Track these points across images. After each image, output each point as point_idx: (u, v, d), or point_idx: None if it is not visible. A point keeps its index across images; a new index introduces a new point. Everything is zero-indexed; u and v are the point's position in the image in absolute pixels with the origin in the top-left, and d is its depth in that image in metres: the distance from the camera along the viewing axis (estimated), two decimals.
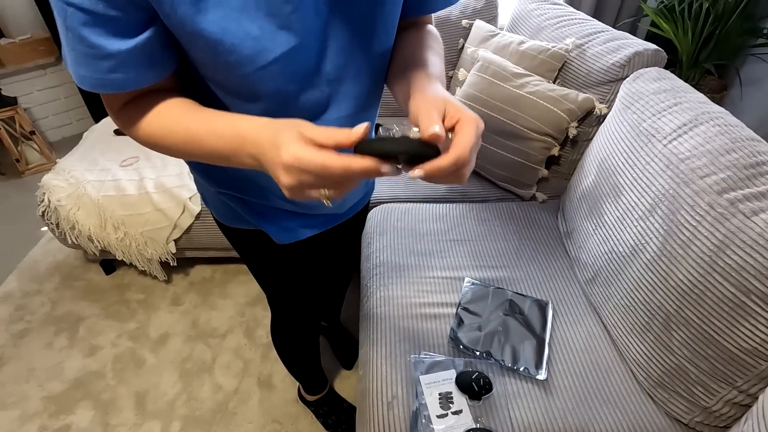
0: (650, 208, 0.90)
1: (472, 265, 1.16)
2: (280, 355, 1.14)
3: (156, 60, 0.48)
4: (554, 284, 1.11)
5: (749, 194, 0.73)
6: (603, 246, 1.02)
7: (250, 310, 1.61)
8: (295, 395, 1.34)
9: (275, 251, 0.80)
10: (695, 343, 0.78)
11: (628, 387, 0.89)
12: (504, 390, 0.88)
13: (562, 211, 1.30)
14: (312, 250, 0.86)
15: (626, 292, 0.92)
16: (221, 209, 0.75)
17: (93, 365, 1.44)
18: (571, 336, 0.98)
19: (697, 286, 0.76)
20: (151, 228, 1.46)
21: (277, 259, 0.83)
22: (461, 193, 1.43)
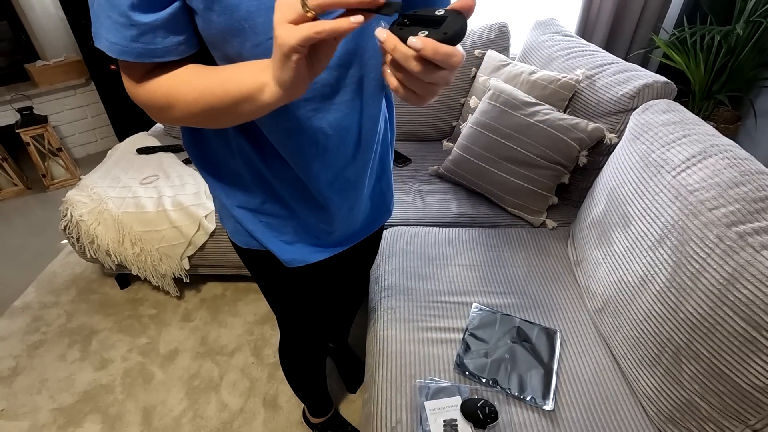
0: (659, 238, 0.90)
1: (481, 291, 1.16)
2: (287, 375, 1.15)
3: (181, 33, 0.51)
4: (563, 312, 1.10)
5: (758, 228, 0.73)
6: (612, 275, 1.02)
7: (259, 329, 1.62)
8: (299, 417, 1.33)
9: (286, 273, 0.82)
10: (706, 378, 0.76)
11: (637, 421, 0.87)
12: (510, 419, 0.87)
13: (572, 238, 1.30)
14: (323, 273, 0.87)
15: (636, 323, 0.91)
16: (235, 229, 0.78)
17: (103, 379, 1.46)
18: (579, 366, 0.97)
19: (707, 320, 0.76)
20: (167, 244, 1.50)
21: (287, 281, 0.85)
22: (471, 218, 1.44)
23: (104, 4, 0.47)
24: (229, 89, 0.49)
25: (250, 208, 0.72)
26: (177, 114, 0.54)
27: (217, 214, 0.80)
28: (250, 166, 0.67)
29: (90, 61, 2.43)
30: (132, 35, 0.48)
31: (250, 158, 0.66)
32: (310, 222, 0.74)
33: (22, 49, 2.54)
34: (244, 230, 0.76)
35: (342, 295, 1.14)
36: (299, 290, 0.87)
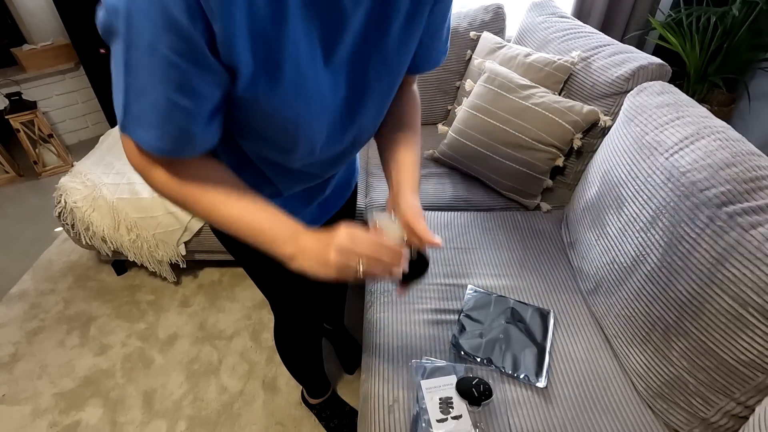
0: (651, 220, 0.91)
1: (476, 273, 1.18)
2: (283, 358, 1.16)
3: (217, 125, 0.51)
4: (556, 294, 1.12)
5: (748, 208, 0.74)
6: (605, 256, 1.03)
7: (257, 314, 1.63)
8: (298, 398, 1.36)
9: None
10: (694, 355, 0.79)
11: (627, 397, 0.90)
12: (504, 397, 0.89)
13: (566, 221, 1.31)
14: None
15: (627, 303, 0.93)
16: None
17: (103, 364, 1.48)
18: (571, 345, 0.99)
19: (696, 298, 0.77)
20: (163, 230, 1.50)
21: (272, 261, 0.84)
22: (466, 202, 1.45)
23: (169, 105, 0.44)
24: (258, 237, 0.55)
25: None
26: (196, 214, 0.56)
27: None
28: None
29: (79, 44, 2.38)
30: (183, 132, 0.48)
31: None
32: (289, 197, 0.75)
33: (9, 33, 2.49)
34: None
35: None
36: (285, 269, 0.86)
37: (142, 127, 0.47)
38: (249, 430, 1.29)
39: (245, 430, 1.29)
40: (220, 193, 0.54)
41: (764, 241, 0.70)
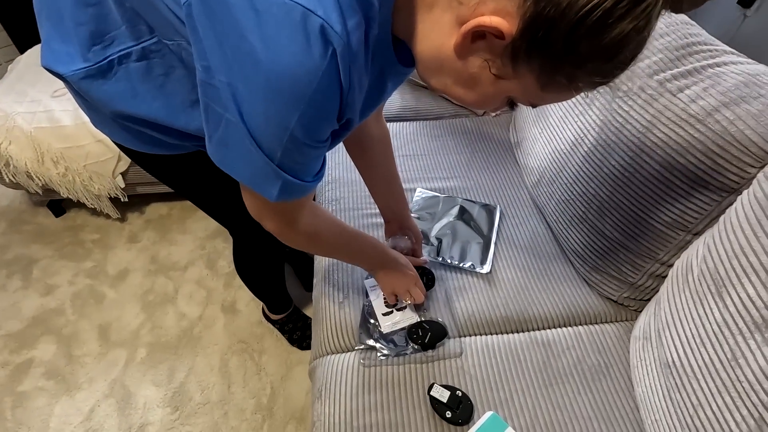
0: (590, 101, 0.91)
1: (424, 177, 1.17)
2: (245, 279, 1.15)
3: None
4: (503, 191, 1.14)
5: (677, 73, 0.75)
6: (547, 147, 1.04)
7: (211, 243, 1.60)
8: (259, 317, 1.37)
9: (207, 169, 0.76)
10: (625, 225, 0.82)
11: (566, 275, 0.95)
12: (450, 285, 0.92)
13: (513, 122, 1.31)
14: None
15: (566, 187, 0.95)
16: (138, 136, 0.67)
17: (51, 303, 1.42)
18: (516, 235, 1.02)
19: (627, 170, 0.79)
20: (94, 161, 1.39)
21: (220, 190, 0.79)
22: (415, 112, 1.41)
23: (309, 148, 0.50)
24: (355, 259, 0.84)
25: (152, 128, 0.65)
26: (315, 249, 0.82)
27: (99, 127, 0.69)
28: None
29: None
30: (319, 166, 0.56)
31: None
32: None
33: None
34: (149, 137, 0.66)
35: None
36: (233, 195, 0.82)
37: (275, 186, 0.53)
38: (211, 349, 1.30)
39: (207, 350, 1.30)
40: (339, 244, 0.75)
41: (689, 102, 0.71)
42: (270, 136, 0.46)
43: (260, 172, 0.50)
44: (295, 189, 0.53)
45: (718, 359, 0.59)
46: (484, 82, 0.43)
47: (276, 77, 0.41)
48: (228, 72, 0.43)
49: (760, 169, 0.63)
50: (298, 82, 0.41)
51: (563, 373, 0.78)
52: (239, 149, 0.48)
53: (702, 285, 0.64)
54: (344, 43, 0.41)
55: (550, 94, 0.43)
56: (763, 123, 0.63)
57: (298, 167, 0.51)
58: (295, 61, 0.40)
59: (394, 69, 0.55)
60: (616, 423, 0.72)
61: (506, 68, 0.40)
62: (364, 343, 0.82)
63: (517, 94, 0.45)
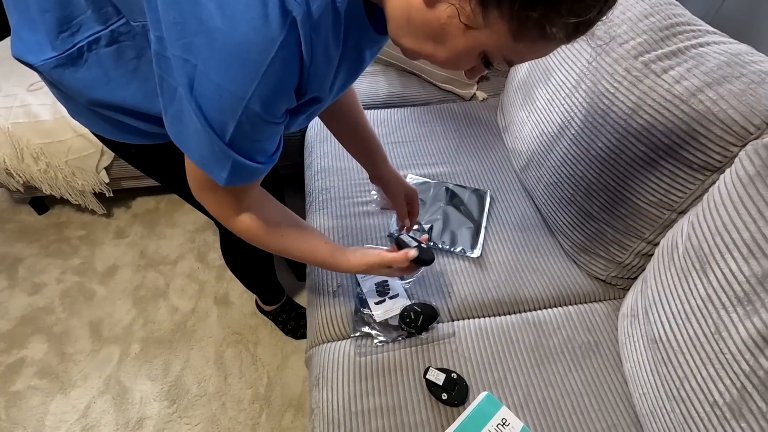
0: (576, 84, 0.91)
1: (414, 164, 1.17)
2: (235, 272, 1.15)
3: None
4: (492, 175, 1.15)
5: (662, 54, 0.75)
6: (535, 131, 1.05)
7: (200, 236, 1.58)
8: (252, 309, 1.37)
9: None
10: (612, 206, 0.84)
11: (555, 256, 0.96)
12: (441, 270, 0.93)
13: (501, 106, 1.31)
14: None
15: (555, 170, 0.96)
16: (116, 125, 0.65)
17: (39, 302, 1.40)
18: (505, 219, 1.04)
19: (614, 151, 0.80)
20: (77, 156, 1.36)
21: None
22: (402, 98, 1.41)
23: (264, 126, 0.49)
24: (322, 264, 0.76)
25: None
26: (273, 251, 0.71)
27: (77, 117, 0.67)
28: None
29: None
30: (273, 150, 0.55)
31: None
32: None
33: None
34: (128, 126, 0.65)
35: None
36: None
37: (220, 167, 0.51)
38: (206, 342, 1.30)
39: (202, 342, 1.30)
40: (294, 233, 0.69)
41: (674, 83, 0.72)
42: (223, 109, 0.44)
43: (209, 151, 0.48)
44: (246, 171, 0.51)
45: (702, 333, 0.61)
46: (454, 33, 0.42)
47: (232, 45, 0.40)
48: (181, 42, 0.41)
49: (742, 147, 0.64)
50: (254, 49, 0.41)
51: (554, 352, 0.80)
52: (190, 126, 0.47)
53: (687, 262, 0.66)
54: (304, 12, 0.40)
55: (524, 45, 0.41)
56: (745, 102, 0.64)
57: (251, 145, 0.50)
58: (251, 28, 0.40)
59: (370, 38, 0.54)
60: (606, 398, 0.74)
61: (476, 16, 0.39)
62: (360, 330, 0.83)
63: (490, 47, 0.43)
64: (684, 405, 0.61)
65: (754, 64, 0.69)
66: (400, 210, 0.91)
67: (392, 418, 0.72)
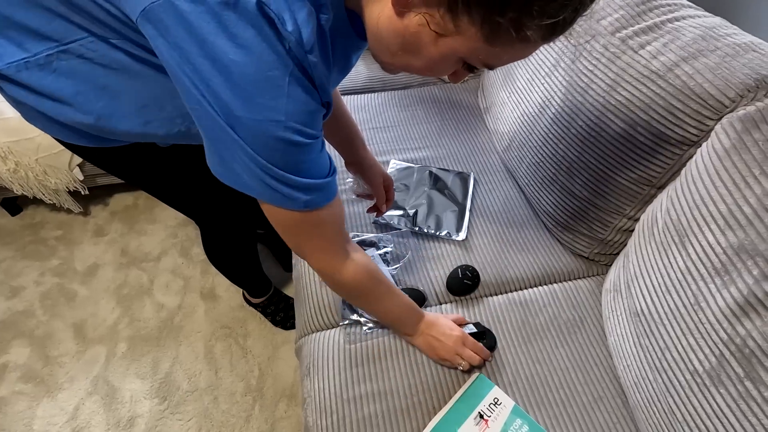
0: (555, 63, 0.91)
1: (397, 149, 1.16)
2: (219, 267, 1.13)
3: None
4: (475, 157, 1.15)
5: (638, 30, 0.75)
6: (516, 111, 1.04)
7: (183, 231, 1.55)
8: (240, 302, 1.36)
9: (157, 158, 0.72)
10: (593, 184, 0.84)
11: (539, 236, 0.97)
12: (428, 254, 0.93)
13: (482, 87, 1.30)
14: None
15: (536, 150, 0.96)
16: (75, 130, 0.62)
17: (18, 305, 1.37)
18: (490, 200, 1.04)
19: (594, 129, 0.81)
20: (47, 154, 1.31)
21: (162, 164, 0.75)
22: (382, 82, 1.39)
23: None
24: (392, 325, 0.78)
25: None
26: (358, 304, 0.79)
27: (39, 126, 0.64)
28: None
29: None
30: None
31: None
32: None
33: None
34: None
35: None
36: (182, 170, 0.78)
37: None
38: (194, 337, 1.29)
39: (190, 338, 1.29)
40: (384, 288, 0.70)
41: (651, 59, 0.72)
42: (266, 143, 0.45)
43: (273, 183, 0.48)
44: (318, 189, 0.51)
45: (682, 304, 0.62)
46: (426, 42, 0.42)
47: (252, 72, 0.41)
48: (202, 85, 0.42)
49: (718, 121, 0.65)
50: (273, 66, 0.41)
51: (541, 330, 0.81)
52: (246, 172, 0.47)
53: (666, 236, 0.67)
54: (296, 40, 0.41)
55: (501, 49, 0.40)
56: (720, 75, 0.65)
57: (303, 164, 0.49)
58: (265, 51, 0.40)
59: (355, 44, 0.54)
60: (592, 371, 0.76)
61: (446, 23, 0.39)
62: (348, 318, 0.83)
63: (465, 53, 0.42)
64: (666, 374, 0.63)
65: (728, 37, 0.69)
66: (379, 195, 0.90)
67: (384, 403, 0.73)
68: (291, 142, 0.45)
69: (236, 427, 1.13)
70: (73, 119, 0.57)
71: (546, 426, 0.70)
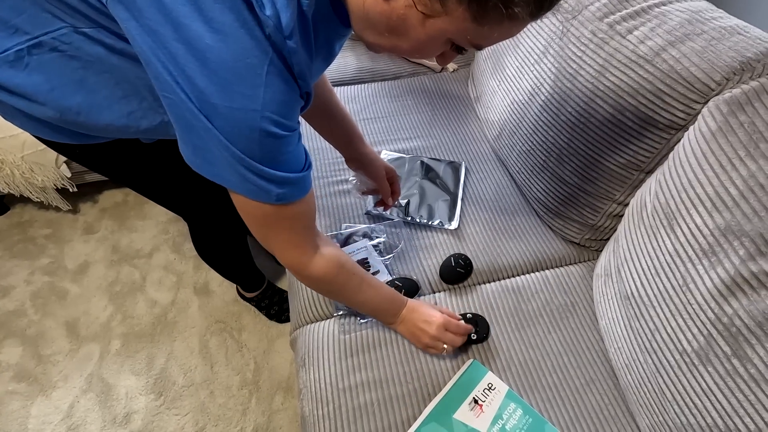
0: (544, 50, 0.91)
1: (388, 140, 1.16)
2: (211, 263, 1.12)
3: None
4: (466, 146, 1.15)
5: (626, 15, 0.76)
6: (506, 99, 1.04)
7: (174, 226, 1.54)
8: (234, 296, 1.36)
9: (140, 154, 0.71)
10: (583, 170, 0.85)
11: (530, 223, 0.98)
12: (420, 243, 0.93)
13: (472, 77, 1.30)
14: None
15: (526, 138, 0.96)
16: (54, 128, 0.60)
17: (9, 305, 1.35)
18: (481, 189, 1.04)
19: (583, 115, 0.81)
20: (33, 151, 1.29)
21: (145, 160, 0.74)
22: (372, 73, 1.38)
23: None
24: (375, 314, 0.78)
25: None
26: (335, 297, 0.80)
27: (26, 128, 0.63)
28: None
29: None
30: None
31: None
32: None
33: None
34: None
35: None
36: (165, 167, 0.76)
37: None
38: (189, 333, 1.29)
39: (185, 333, 1.28)
40: (357, 280, 0.69)
41: (638, 43, 0.72)
42: (240, 133, 0.43)
43: (247, 174, 0.46)
44: (292, 183, 0.50)
45: (671, 286, 0.63)
46: (413, 23, 0.41)
47: (229, 59, 0.40)
48: (175, 70, 0.40)
49: (704, 104, 0.65)
50: (252, 53, 0.40)
51: (533, 315, 0.82)
52: (221, 161, 0.45)
53: (655, 219, 0.68)
54: (274, 25, 0.40)
55: (489, 28, 0.40)
56: (706, 59, 0.65)
57: (283, 158, 0.48)
58: (244, 37, 0.39)
59: (338, 32, 0.53)
60: (584, 355, 0.77)
61: (433, 4, 0.39)
62: (342, 309, 0.83)
63: (453, 34, 0.42)
64: (656, 355, 0.64)
65: (714, 20, 0.70)
66: (384, 189, 0.90)
67: (379, 392, 0.73)
68: (267, 133, 0.44)
69: (233, 420, 1.13)
70: (51, 116, 0.56)
71: (539, 409, 0.71)
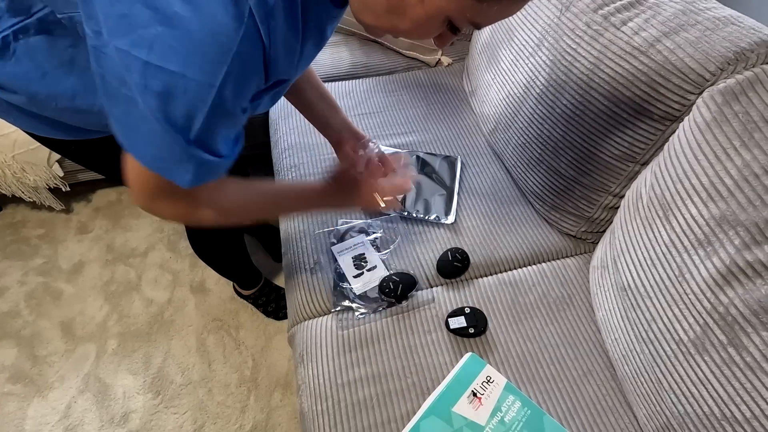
0: (538, 42, 0.91)
1: (383, 135, 1.16)
2: (207, 261, 1.12)
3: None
4: (462, 140, 1.15)
5: (620, 6, 0.76)
6: (501, 93, 1.04)
7: (169, 225, 1.53)
8: (231, 293, 1.35)
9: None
10: (579, 163, 0.85)
11: (527, 216, 0.98)
12: (417, 238, 0.93)
13: (467, 71, 1.30)
14: None
15: (522, 131, 0.96)
16: (47, 122, 0.60)
17: (3, 306, 1.34)
18: (477, 183, 1.04)
19: (578, 107, 0.81)
20: (24, 150, 1.28)
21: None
22: (366, 68, 1.37)
23: (224, 119, 0.45)
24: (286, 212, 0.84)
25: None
26: (233, 221, 0.66)
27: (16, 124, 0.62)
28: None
29: None
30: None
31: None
32: None
33: None
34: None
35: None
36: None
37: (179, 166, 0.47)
38: (186, 331, 1.28)
39: (182, 332, 1.28)
40: (259, 198, 0.66)
41: (633, 35, 0.72)
42: (189, 102, 0.41)
43: (168, 152, 0.44)
44: (210, 168, 0.48)
45: (667, 277, 0.64)
46: (412, 3, 0.41)
47: (197, 31, 0.38)
48: (130, 36, 0.37)
49: (699, 94, 0.66)
50: (222, 31, 0.38)
51: (531, 308, 0.83)
52: (143, 127, 0.42)
53: (651, 210, 0.68)
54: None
55: (488, 4, 0.39)
56: (701, 49, 0.65)
57: (217, 139, 0.46)
58: (216, 11, 0.37)
59: (330, 13, 0.52)
60: (581, 346, 0.78)
61: None
62: (340, 304, 0.83)
63: (452, 12, 0.41)
64: (652, 345, 0.65)
65: (708, 11, 0.70)
66: (388, 165, 0.86)
67: (378, 386, 0.73)
68: (217, 109, 0.42)
69: (232, 418, 1.13)
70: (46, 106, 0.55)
71: (538, 401, 0.71)
